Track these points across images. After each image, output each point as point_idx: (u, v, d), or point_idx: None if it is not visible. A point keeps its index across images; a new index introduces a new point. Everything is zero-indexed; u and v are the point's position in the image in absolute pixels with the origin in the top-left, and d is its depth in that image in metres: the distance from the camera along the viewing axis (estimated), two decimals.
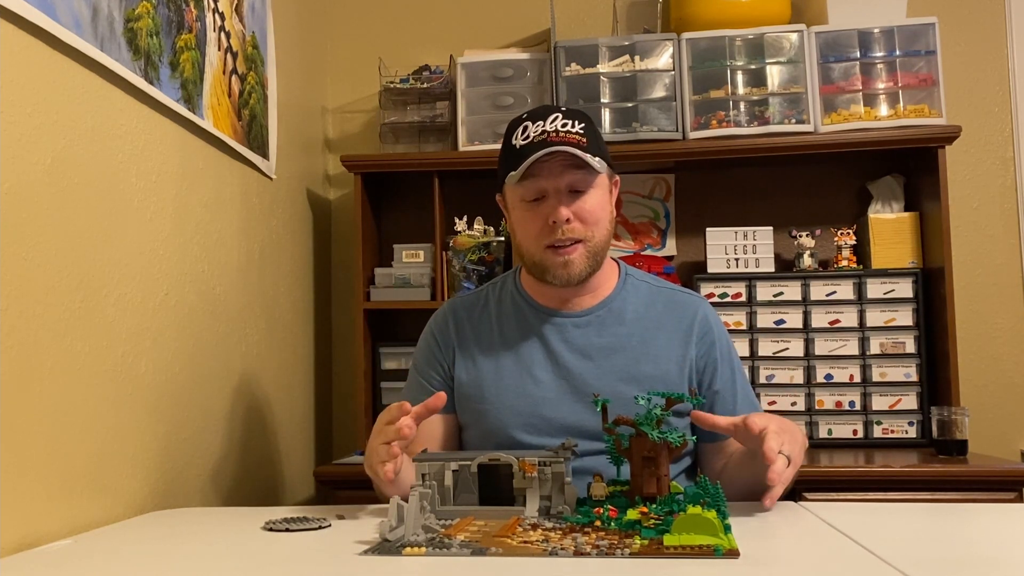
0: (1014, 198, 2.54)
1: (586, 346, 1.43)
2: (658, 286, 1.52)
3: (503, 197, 1.47)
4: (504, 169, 1.41)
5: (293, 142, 2.38)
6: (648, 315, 1.46)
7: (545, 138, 1.35)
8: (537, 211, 1.38)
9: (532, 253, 1.41)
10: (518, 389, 1.42)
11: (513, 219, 1.44)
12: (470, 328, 1.49)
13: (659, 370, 1.41)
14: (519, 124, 1.40)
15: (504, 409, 1.41)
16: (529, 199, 1.39)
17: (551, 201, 1.37)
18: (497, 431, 1.41)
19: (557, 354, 1.43)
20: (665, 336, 1.44)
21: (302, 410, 2.39)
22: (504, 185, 1.43)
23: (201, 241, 1.73)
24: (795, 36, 2.37)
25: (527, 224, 1.40)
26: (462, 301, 1.55)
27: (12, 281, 1.14)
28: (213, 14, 1.79)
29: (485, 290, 1.56)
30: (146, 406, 1.48)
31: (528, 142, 1.36)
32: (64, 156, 1.26)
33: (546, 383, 1.42)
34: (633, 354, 1.42)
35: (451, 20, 2.75)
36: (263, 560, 1.00)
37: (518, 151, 1.37)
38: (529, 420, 1.40)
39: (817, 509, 1.21)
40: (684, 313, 1.46)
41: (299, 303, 2.39)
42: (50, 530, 1.19)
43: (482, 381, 1.44)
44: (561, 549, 0.95)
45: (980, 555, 0.98)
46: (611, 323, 1.45)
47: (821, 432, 2.30)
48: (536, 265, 1.42)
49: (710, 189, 2.59)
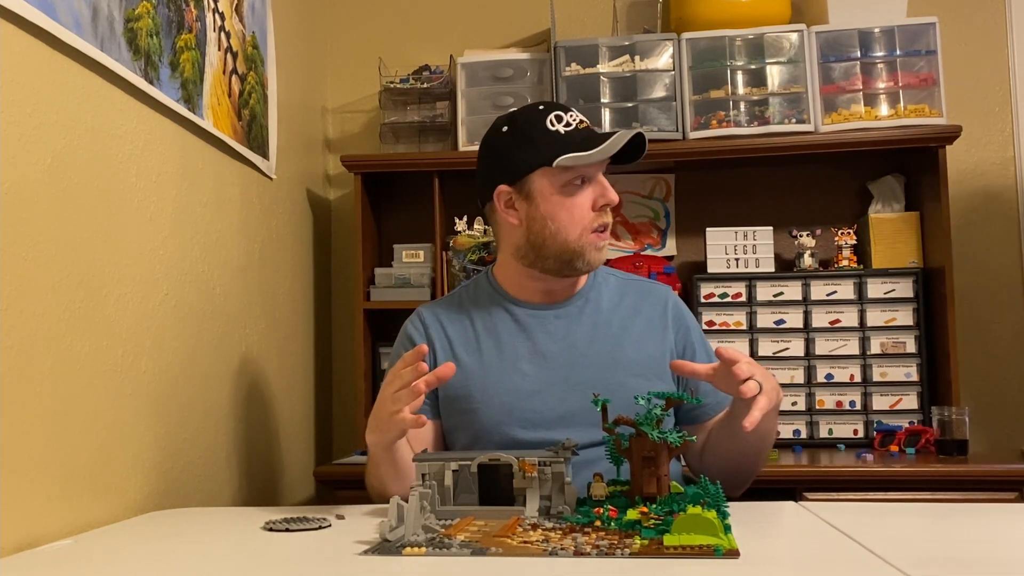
0: (1014, 198, 2.54)
1: (569, 335, 1.45)
2: (624, 278, 1.56)
3: (518, 188, 1.42)
4: (542, 156, 1.38)
5: (293, 142, 2.38)
6: (623, 303, 1.50)
7: (588, 126, 1.42)
8: (584, 195, 1.40)
9: (572, 239, 1.40)
10: (506, 385, 1.42)
11: (546, 207, 1.40)
12: (448, 331, 1.49)
13: (642, 354, 1.44)
14: (547, 113, 1.41)
15: (495, 406, 1.41)
16: (576, 182, 1.39)
17: (596, 187, 1.41)
18: (491, 429, 1.40)
19: (541, 346, 1.44)
20: (642, 321, 1.48)
21: (302, 410, 2.39)
22: (530, 173, 1.40)
23: (201, 241, 1.73)
24: (795, 36, 2.37)
25: (573, 209, 1.39)
26: (436, 305, 1.55)
27: (12, 281, 1.14)
28: (213, 14, 1.79)
29: (457, 293, 1.57)
30: (146, 406, 1.48)
31: (573, 129, 1.40)
32: (64, 156, 1.26)
33: (533, 376, 1.42)
34: (615, 340, 1.45)
35: (451, 20, 2.75)
36: (263, 560, 1.00)
37: (564, 136, 1.38)
38: (522, 414, 1.40)
39: (817, 509, 1.21)
40: (655, 300, 1.51)
41: (299, 303, 2.40)
42: (50, 530, 1.19)
43: (469, 381, 1.43)
44: (561, 549, 0.95)
45: (980, 555, 0.98)
46: (590, 312, 1.48)
47: (821, 432, 2.30)
48: (571, 252, 1.40)
49: (710, 189, 2.59)
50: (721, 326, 2.34)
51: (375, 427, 1.26)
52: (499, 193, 1.44)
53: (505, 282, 1.51)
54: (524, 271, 1.47)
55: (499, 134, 1.45)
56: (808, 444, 2.29)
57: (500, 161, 1.44)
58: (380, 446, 1.28)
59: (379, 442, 1.27)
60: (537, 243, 1.42)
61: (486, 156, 1.48)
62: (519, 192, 1.42)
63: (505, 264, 1.51)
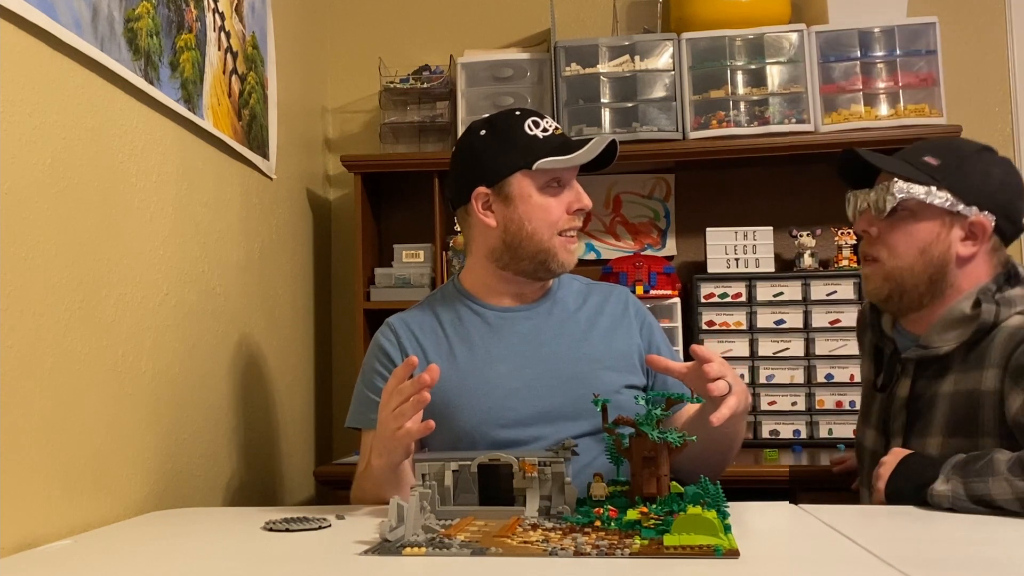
0: None
1: (539, 333, 1.49)
2: (583, 282, 1.62)
3: (497, 189, 1.45)
4: (523, 159, 1.43)
5: (293, 142, 2.39)
6: (587, 303, 1.56)
7: (562, 132, 1.49)
8: (560, 198, 1.45)
9: (542, 240, 1.44)
10: (483, 386, 1.43)
11: (525, 209, 1.44)
12: (420, 339, 1.50)
13: (610, 348, 1.49)
14: (524, 118, 1.46)
15: (473, 408, 1.42)
16: (553, 186, 1.44)
17: (571, 191, 1.46)
18: (470, 431, 1.41)
19: (513, 346, 1.47)
20: (607, 318, 1.53)
21: (302, 410, 2.39)
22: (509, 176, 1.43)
23: (201, 241, 1.73)
24: (795, 36, 2.37)
25: (549, 211, 1.44)
26: (406, 315, 1.56)
27: (12, 281, 1.14)
28: (213, 14, 1.80)
29: (426, 301, 1.59)
30: (146, 406, 1.48)
31: (550, 134, 1.46)
32: (64, 156, 1.26)
33: (508, 375, 1.44)
34: (583, 336, 1.49)
35: (451, 20, 2.75)
36: (263, 560, 1.01)
37: (542, 141, 1.44)
38: (500, 414, 1.41)
39: (816, 510, 1.21)
40: (616, 300, 1.57)
41: (299, 303, 2.40)
42: (50, 530, 1.19)
43: (445, 387, 1.41)
44: (561, 549, 0.95)
45: (980, 555, 0.98)
46: (557, 312, 1.52)
47: (822, 432, 2.30)
48: (545, 252, 1.45)
49: (710, 189, 2.59)
50: (721, 326, 2.34)
51: (381, 451, 1.27)
52: (477, 195, 1.46)
53: (474, 287, 1.54)
54: (497, 274, 1.50)
55: (477, 137, 1.48)
56: (808, 444, 2.29)
57: (479, 163, 1.46)
58: (388, 468, 1.29)
59: (387, 465, 1.28)
60: (513, 244, 1.45)
61: (463, 158, 1.50)
62: (497, 194, 1.45)
63: (476, 268, 1.53)
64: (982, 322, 1.31)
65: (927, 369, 1.38)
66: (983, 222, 1.36)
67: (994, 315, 1.31)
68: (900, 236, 1.39)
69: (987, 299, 1.33)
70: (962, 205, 1.35)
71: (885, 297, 1.42)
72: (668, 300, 2.34)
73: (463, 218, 1.52)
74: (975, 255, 1.37)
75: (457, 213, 1.54)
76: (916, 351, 1.39)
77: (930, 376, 1.38)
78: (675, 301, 2.34)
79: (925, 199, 1.36)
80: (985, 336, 1.32)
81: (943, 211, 1.36)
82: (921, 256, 1.37)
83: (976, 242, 1.37)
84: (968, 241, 1.37)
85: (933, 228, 1.37)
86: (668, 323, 2.32)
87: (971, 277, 1.38)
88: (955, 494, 1.18)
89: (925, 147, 1.42)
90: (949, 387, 1.34)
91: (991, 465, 1.17)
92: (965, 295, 1.37)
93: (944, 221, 1.37)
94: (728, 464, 1.47)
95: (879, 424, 1.45)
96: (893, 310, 1.45)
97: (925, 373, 1.39)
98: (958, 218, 1.36)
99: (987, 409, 1.28)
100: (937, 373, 1.37)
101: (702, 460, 1.36)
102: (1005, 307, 1.32)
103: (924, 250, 1.37)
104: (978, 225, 1.36)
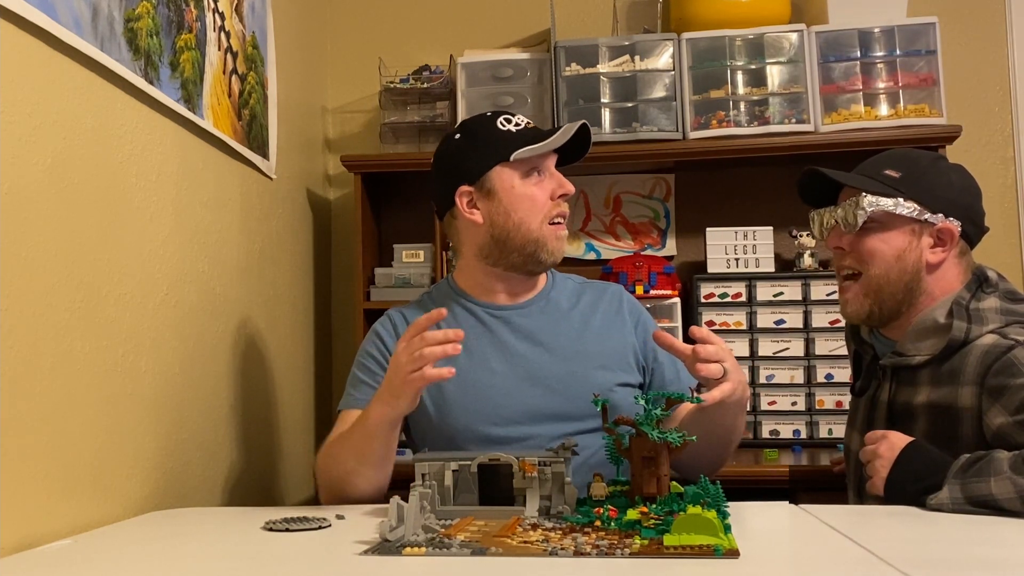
0: (1014, 198, 2.54)
1: (533, 332, 1.49)
2: (577, 281, 1.62)
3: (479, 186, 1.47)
4: (499, 153, 1.45)
5: (293, 142, 2.39)
6: (581, 301, 1.56)
7: (535, 126, 1.51)
8: (542, 186, 1.47)
9: (531, 229, 1.45)
10: (478, 384, 1.44)
11: (509, 200, 1.45)
12: None
13: (604, 346, 1.50)
14: (496, 117, 1.50)
15: (468, 406, 1.43)
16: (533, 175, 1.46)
17: (552, 179, 1.48)
18: (465, 429, 1.42)
19: (508, 344, 1.48)
20: (601, 317, 1.54)
21: (302, 410, 2.39)
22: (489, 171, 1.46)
23: (201, 241, 1.73)
24: (795, 36, 2.37)
25: (533, 199, 1.46)
26: (404, 310, 1.57)
27: (12, 281, 1.14)
28: (213, 14, 1.79)
29: (422, 299, 1.60)
30: (146, 406, 1.48)
31: (523, 128, 1.49)
32: (64, 156, 1.26)
33: (502, 373, 1.45)
34: (577, 334, 1.50)
35: (451, 20, 2.75)
36: (263, 560, 1.01)
37: (515, 135, 1.47)
38: (495, 412, 1.42)
39: (816, 510, 1.21)
40: (611, 298, 1.58)
41: (299, 303, 2.40)
42: (50, 530, 1.19)
43: (439, 383, 1.41)
44: (561, 549, 0.95)
45: (980, 555, 0.98)
46: (552, 310, 1.53)
47: (821, 432, 2.30)
48: (534, 242, 1.46)
49: (710, 189, 2.59)
50: (721, 326, 2.34)
51: (388, 396, 1.27)
52: (460, 194, 1.48)
53: (467, 285, 1.55)
54: (488, 271, 1.51)
55: (452, 142, 1.52)
56: (808, 444, 2.29)
57: (458, 165, 1.49)
58: (387, 422, 1.29)
59: (389, 416, 1.28)
60: (501, 237, 1.46)
61: (443, 163, 1.53)
62: (480, 190, 1.47)
63: (468, 267, 1.54)
64: (952, 338, 1.34)
65: (903, 377, 1.41)
66: (950, 228, 1.40)
67: (965, 332, 1.34)
68: (875, 244, 1.43)
69: (960, 313, 1.36)
70: (928, 213, 1.40)
71: (866, 315, 1.46)
72: (668, 300, 2.34)
73: (450, 223, 1.54)
74: (944, 261, 1.41)
75: (444, 221, 1.56)
76: (891, 359, 1.42)
77: (906, 383, 1.41)
78: (675, 301, 2.35)
79: (894, 210, 1.40)
80: (955, 352, 1.34)
81: (912, 220, 1.41)
82: (897, 263, 1.41)
83: (945, 248, 1.41)
84: (937, 248, 1.41)
85: (904, 237, 1.42)
86: (668, 323, 2.32)
87: (942, 283, 1.42)
88: (954, 499, 1.18)
89: (881, 161, 1.48)
90: (924, 398, 1.37)
91: (991, 465, 1.17)
92: (940, 303, 1.40)
93: (914, 229, 1.41)
94: (727, 459, 1.47)
95: (863, 428, 1.46)
96: (875, 324, 1.49)
97: (902, 380, 1.42)
98: (926, 226, 1.41)
99: (966, 424, 1.31)
100: (912, 382, 1.40)
101: (701, 454, 1.36)
102: (976, 324, 1.34)
103: (899, 257, 1.41)
104: (946, 231, 1.40)
